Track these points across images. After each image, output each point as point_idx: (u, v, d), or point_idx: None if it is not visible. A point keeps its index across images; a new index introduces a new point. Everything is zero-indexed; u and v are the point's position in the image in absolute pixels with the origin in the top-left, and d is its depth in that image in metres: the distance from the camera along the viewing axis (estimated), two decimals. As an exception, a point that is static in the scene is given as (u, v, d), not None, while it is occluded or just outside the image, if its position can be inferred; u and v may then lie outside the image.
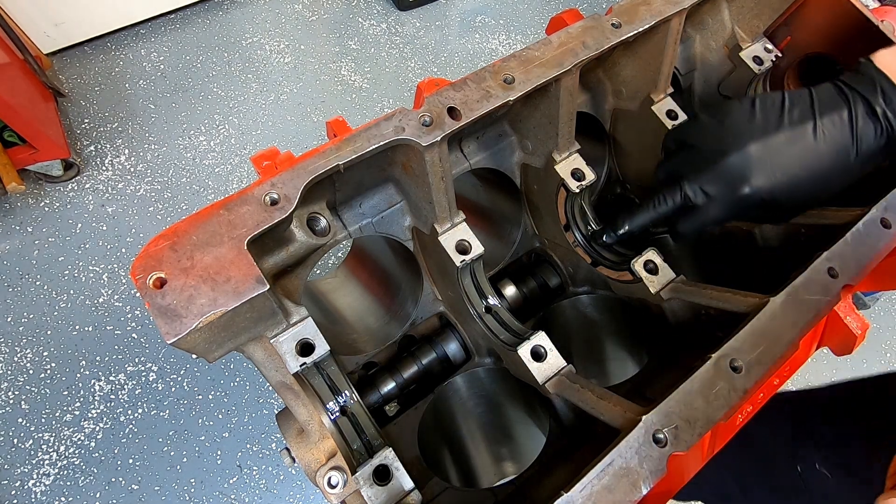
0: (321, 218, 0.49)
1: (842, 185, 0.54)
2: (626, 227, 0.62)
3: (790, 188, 0.53)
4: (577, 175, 0.62)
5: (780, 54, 0.74)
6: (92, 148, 1.74)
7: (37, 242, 1.56)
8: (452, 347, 0.70)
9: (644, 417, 0.40)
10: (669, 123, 0.65)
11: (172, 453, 1.35)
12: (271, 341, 0.43)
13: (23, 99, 1.46)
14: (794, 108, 0.53)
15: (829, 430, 0.75)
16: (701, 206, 0.56)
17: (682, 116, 0.65)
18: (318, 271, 1.49)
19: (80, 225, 1.60)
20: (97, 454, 1.33)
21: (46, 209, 1.62)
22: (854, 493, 0.69)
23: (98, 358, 1.43)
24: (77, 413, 1.37)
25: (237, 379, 1.45)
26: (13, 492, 1.27)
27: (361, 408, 0.49)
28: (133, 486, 1.30)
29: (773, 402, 0.55)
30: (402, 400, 0.70)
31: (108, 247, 1.58)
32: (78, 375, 1.41)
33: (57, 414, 1.36)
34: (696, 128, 0.59)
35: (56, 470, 1.30)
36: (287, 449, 0.50)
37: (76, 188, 1.66)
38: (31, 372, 1.40)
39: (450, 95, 0.48)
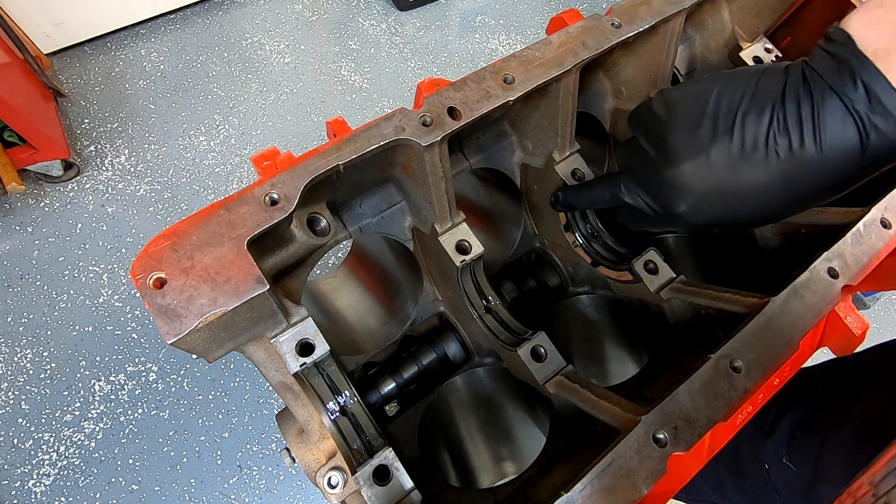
0: (321, 218, 0.49)
1: (814, 199, 0.43)
2: (576, 204, 0.60)
3: (735, 211, 0.44)
4: (577, 175, 0.62)
5: (780, 54, 0.74)
6: (92, 148, 1.74)
7: (37, 242, 1.56)
8: (452, 347, 0.70)
9: (644, 417, 0.40)
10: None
11: (172, 453, 1.35)
12: (271, 341, 0.43)
13: (23, 99, 1.45)
14: (750, 113, 0.42)
15: (788, 420, 0.73)
16: (640, 211, 0.51)
17: None
18: (318, 271, 1.49)
19: (80, 225, 1.60)
20: (97, 454, 1.33)
21: (46, 209, 1.62)
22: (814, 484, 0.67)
23: (98, 358, 1.43)
24: (77, 413, 1.37)
25: (237, 379, 1.45)
26: (13, 492, 1.27)
27: (361, 408, 0.49)
28: (133, 486, 1.30)
29: None
30: (402, 400, 0.70)
31: (108, 247, 1.58)
32: (78, 375, 1.41)
33: (57, 414, 1.36)
34: (648, 121, 0.50)
35: (56, 470, 1.30)
36: (287, 449, 0.50)
37: (76, 188, 1.66)
38: (31, 372, 1.40)
39: (450, 95, 0.48)
